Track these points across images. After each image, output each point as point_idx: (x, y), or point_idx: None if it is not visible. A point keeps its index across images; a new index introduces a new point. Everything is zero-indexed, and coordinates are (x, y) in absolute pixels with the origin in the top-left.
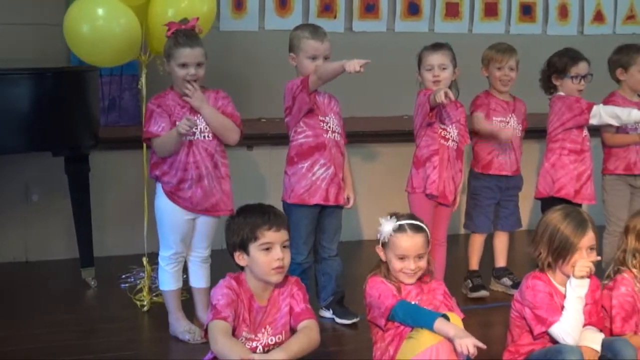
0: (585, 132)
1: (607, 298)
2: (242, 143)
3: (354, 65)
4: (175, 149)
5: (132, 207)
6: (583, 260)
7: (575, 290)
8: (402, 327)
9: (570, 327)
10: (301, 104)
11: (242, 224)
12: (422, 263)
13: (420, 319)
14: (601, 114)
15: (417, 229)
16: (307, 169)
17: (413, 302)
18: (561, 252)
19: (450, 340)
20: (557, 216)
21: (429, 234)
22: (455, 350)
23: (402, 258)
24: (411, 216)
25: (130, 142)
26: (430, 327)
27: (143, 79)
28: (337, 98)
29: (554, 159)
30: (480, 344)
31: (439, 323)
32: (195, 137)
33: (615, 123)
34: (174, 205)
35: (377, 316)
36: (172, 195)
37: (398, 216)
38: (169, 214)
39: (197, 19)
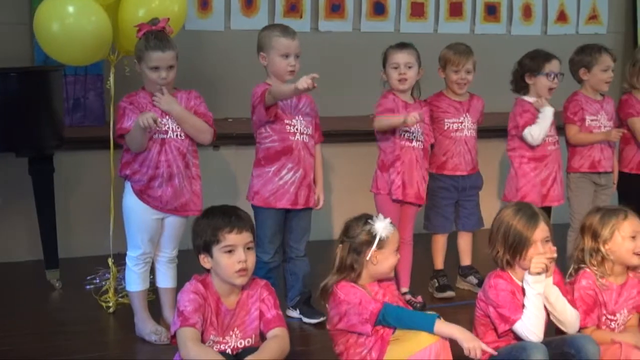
0: (548, 135)
1: (569, 293)
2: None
3: (303, 83)
4: (143, 142)
5: (97, 207)
6: (539, 256)
7: (533, 287)
8: (382, 331)
9: (531, 324)
10: (259, 115)
11: (205, 227)
12: (398, 256)
13: (416, 322)
14: (532, 134)
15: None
16: (274, 172)
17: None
18: (517, 247)
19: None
20: (509, 213)
21: None
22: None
23: (397, 251)
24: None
25: (96, 142)
26: (430, 330)
27: (111, 79)
28: (311, 97)
29: (516, 167)
30: (490, 350)
31: (440, 325)
32: (168, 136)
33: (540, 133)
34: (143, 204)
35: (357, 323)
36: (142, 194)
37: (366, 217)
38: (138, 214)
39: (168, 19)
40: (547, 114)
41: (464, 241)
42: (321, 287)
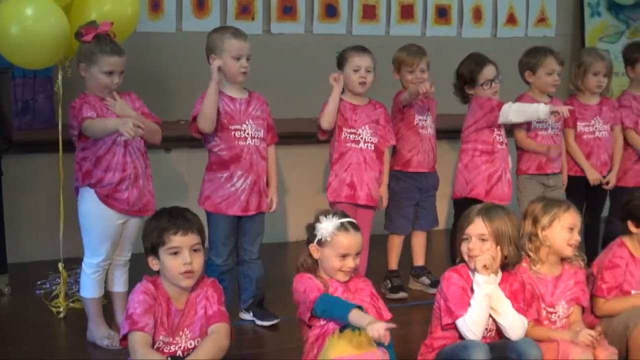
0: (497, 133)
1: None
2: (160, 145)
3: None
4: (102, 136)
5: (47, 211)
6: (485, 252)
7: (482, 287)
8: (326, 326)
9: (472, 323)
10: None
11: (152, 229)
12: (358, 260)
13: (336, 310)
14: (509, 111)
15: (356, 227)
16: (226, 179)
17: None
18: (455, 237)
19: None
20: (473, 207)
21: None
22: None
23: (343, 256)
24: (344, 214)
25: (45, 145)
26: (345, 319)
27: (60, 81)
28: (263, 99)
29: (467, 160)
30: (391, 325)
31: (354, 314)
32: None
33: (517, 120)
34: (107, 209)
35: (302, 311)
36: (108, 198)
37: (334, 214)
38: (101, 220)
39: (112, 23)
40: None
41: (418, 241)
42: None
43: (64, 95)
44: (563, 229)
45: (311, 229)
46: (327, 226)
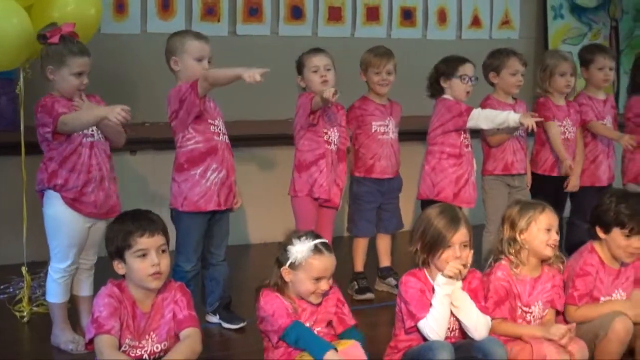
0: (463, 136)
1: (486, 284)
2: (125, 147)
3: (254, 75)
4: (84, 128)
5: (9, 214)
6: (456, 262)
7: (442, 288)
8: (291, 349)
9: (434, 323)
10: (190, 107)
11: (117, 232)
12: (331, 281)
13: (311, 347)
14: (478, 118)
15: (330, 248)
16: (200, 175)
17: (307, 324)
18: (433, 245)
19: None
20: (432, 212)
21: None
22: None
23: (317, 279)
24: (316, 235)
25: (7, 147)
26: (318, 357)
27: (21, 83)
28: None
29: (434, 163)
30: None
31: (330, 355)
32: (95, 139)
33: (486, 127)
34: (74, 214)
35: (269, 331)
36: (74, 202)
37: (306, 236)
38: (68, 224)
39: (74, 24)
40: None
41: (384, 243)
42: (257, 287)
43: (26, 97)
44: (540, 231)
45: (283, 250)
46: (300, 249)
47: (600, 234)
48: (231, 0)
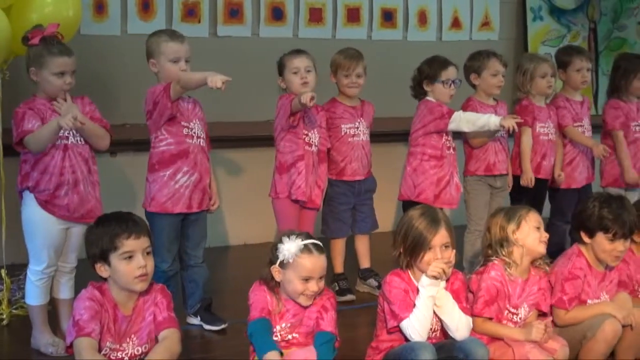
0: (445, 138)
1: (474, 282)
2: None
3: (216, 81)
4: (50, 141)
5: None
6: (438, 261)
7: (426, 289)
8: None
9: (418, 324)
10: (162, 109)
11: (101, 235)
12: (322, 284)
13: (258, 345)
14: (460, 120)
15: (321, 249)
16: (169, 177)
17: (284, 324)
18: (414, 248)
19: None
20: (413, 214)
21: None
22: None
23: (306, 279)
24: (309, 235)
25: None
26: (260, 357)
27: None
28: (200, 103)
29: (416, 164)
30: None
31: (268, 357)
32: (70, 142)
33: (467, 130)
34: (48, 215)
35: (249, 315)
36: (47, 204)
37: (297, 235)
38: (43, 226)
39: (58, 25)
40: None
41: (362, 244)
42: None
43: (5, 98)
44: (531, 229)
45: (274, 249)
46: (289, 247)
47: (585, 239)
48: (212, 2)
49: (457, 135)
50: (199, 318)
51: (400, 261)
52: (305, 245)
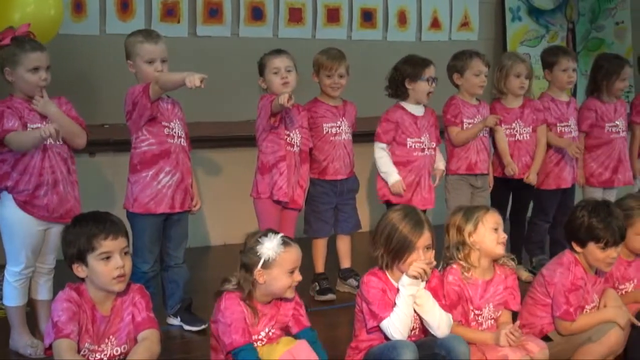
0: (414, 141)
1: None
2: (84, 149)
3: (194, 80)
4: (32, 146)
5: None
6: (419, 262)
7: (406, 289)
8: None
9: (398, 323)
10: (142, 110)
11: (78, 235)
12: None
13: None
14: (377, 154)
15: (293, 240)
16: (151, 177)
17: (266, 329)
18: (399, 251)
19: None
20: (396, 216)
21: None
22: None
23: (291, 271)
24: (275, 231)
25: None
26: None
27: None
28: (180, 104)
29: None
30: None
31: None
32: (49, 142)
33: (380, 174)
34: (26, 216)
35: (222, 338)
36: (26, 205)
37: (268, 233)
38: (22, 227)
39: (29, 25)
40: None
41: (344, 244)
42: (217, 291)
43: None
44: (488, 230)
45: (249, 253)
46: (271, 246)
47: (577, 248)
48: (191, 1)
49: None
50: (179, 318)
51: (381, 261)
52: (284, 240)
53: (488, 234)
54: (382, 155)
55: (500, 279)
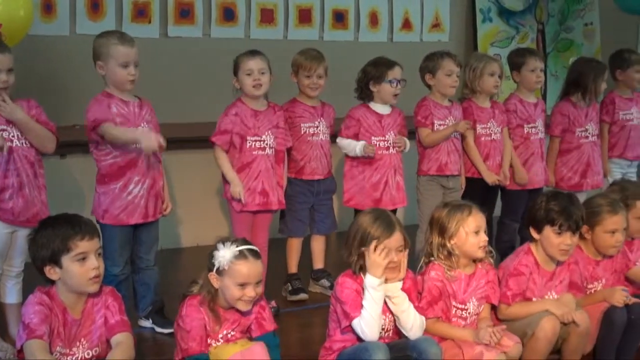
0: (379, 139)
1: (420, 283)
2: (55, 151)
3: (152, 146)
4: None
5: None
6: (382, 261)
7: (369, 290)
8: None
9: (366, 323)
10: (95, 136)
11: (52, 236)
12: (260, 289)
13: None
14: (341, 144)
15: (257, 254)
16: (120, 189)
17: (225, 331)
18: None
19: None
20: (366, 220)
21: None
22: None
23: (242, 285)
24: (245, 241)
25: None
26: None
27: None
28: (150, 103)
29: (347, 170)
30: None
31: None
32: (14, 145)
33: (350, 154)
34: None
35: (181, 345)
36: None
37: (232, 241)
38: None
39: (0, 25)
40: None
41: (318, 244)
42: (183, 294)
43: None
44: (469, 234)
45: (209, 256)
46: (224, 254)
47: (534, 234)
48: (162, 2)
49: (411, 135)
50: (150, 321)
51: (353, 264)
52: (240, 252)
53: (469, 238)
54: (345, 142)
55: (482, 273)
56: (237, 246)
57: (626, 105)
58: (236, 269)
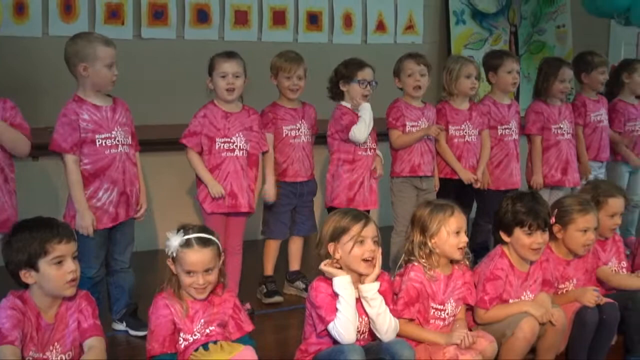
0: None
1: (397, 284)
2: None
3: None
4: None
5: None
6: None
7: (340, 291)
8: None
9: (341, 326)
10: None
11: (29, 240)
12: (212, 277)
13: None
14: (354, 131)
15: (205, 242)
16: (89, 196)
17: (200, 322)
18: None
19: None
20: (337, 215)
21: (220, 246)
22: None
23: (189, 273)
24: (201, 228)
25: None
26: None
27: None
28: (126, 105)
29: (333, 170)
30: None
31: None
32: None
33: (361, 133)
34: None
35: (146, 345)
36: None
37: (186, 229)
38: None
39: None
40: (366, 109)
41: (296, 246)
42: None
43: None
44: (450, 235)
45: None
46: (172, 242)
47: (505, 238)
48: (135, 3)
49: (383, 136)
50: (124, 323)
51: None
52: (188, 240)
53: (450, 238)
54: (356, 126)
55: (459, 274)
56: (184, 234)
57: (595, 106)
58: (183, 257)
